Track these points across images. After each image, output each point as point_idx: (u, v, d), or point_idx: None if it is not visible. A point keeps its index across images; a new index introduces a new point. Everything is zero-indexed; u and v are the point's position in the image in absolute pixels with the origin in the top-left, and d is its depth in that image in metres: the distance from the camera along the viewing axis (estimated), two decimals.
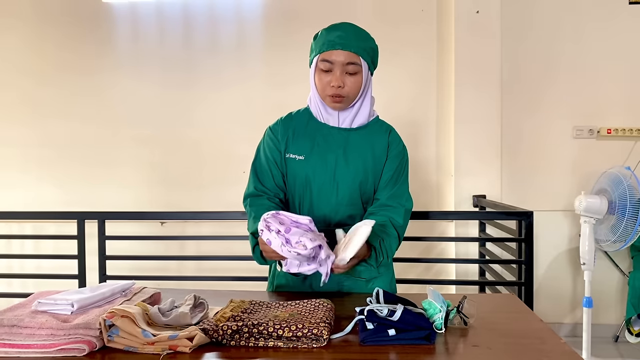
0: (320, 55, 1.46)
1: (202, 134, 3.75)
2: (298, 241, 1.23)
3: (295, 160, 1.54)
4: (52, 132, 3.84)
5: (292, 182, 1.57)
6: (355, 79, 1.47)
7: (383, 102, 3.57)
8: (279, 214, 1.30)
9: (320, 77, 1.48)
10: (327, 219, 1.55)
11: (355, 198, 1.54)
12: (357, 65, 1.46)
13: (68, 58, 3.81)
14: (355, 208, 1.56)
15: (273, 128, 1.60)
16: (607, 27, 3.48)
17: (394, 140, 1.59)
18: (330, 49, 1.44)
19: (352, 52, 1.44)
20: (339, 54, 1.44)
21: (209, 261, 2.95)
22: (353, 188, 1.53)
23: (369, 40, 1.51)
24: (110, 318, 1.09)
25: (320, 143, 1.53)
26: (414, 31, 3.61)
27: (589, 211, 2.77)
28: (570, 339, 3.40)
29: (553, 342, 1.13)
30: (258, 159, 1.61)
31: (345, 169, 1.52)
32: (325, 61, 1.45)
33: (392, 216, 1.52)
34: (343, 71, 1.45)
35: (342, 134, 1.54)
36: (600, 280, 3.43)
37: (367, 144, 1.55)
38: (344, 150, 1.53)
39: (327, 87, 1.47)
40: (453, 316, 1.22)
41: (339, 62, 1.44)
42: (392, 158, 1.56)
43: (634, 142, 3.50)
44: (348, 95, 1.47)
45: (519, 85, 3.53)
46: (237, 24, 3.73)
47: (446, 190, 3.52)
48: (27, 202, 3.81)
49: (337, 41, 1.43)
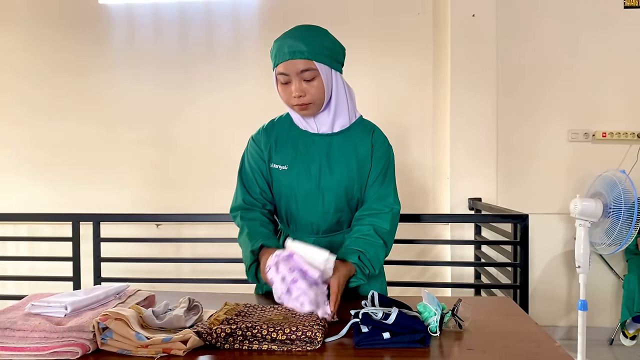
0: (276, 68, 1.44)
1: (198, 136, 3.75)
2: (297, 297, 1.20)
3: (279, 170, 1.52)
4: (48, 134, 3.83)
5: (277, 192, 1.55)
6: (315, 84, 1.43)
7: (379, 105, 3.60)
8: (292, 258, 1.26)
9: (283, 89, 1.46)
10: (314, 227, 1.55)
11: (342, 204, 1.53)
12: (313, 70, 1.41)
13: (64, 59, 3.81)
14: (343, 214, 1.55)
15: (255, 138, 1.58)
16: (603, 31, 3.50)
17: (378, 140, 1.55)
18: (282, 61, 1.40)
19: (303, 59, 1.39)
20: (291, 64, 1.40)
21: (204, 263, 2.95)
22: (339, 195, 1.51)
23: (322, 39, 1.44)
24: (104, 321, 1.08)
25: (302, 152, 1.51)
26: (410, 34, 3.62)
27: (584, 214, 2.77)
28: (565, 342, 3.41)
29: (548, 345, 1.13)
30: (244, 169, 1.59)
31: (330, 176, 1.50)
32: (281, 74, 1.42)
33: (378, 223, 1.49)
34: (300, 79, 1.41)
35: (324, 140, 1.52)
36: (595, 284, 3.44)
37: (350, 147, 1.52)
38: (327, 157, 1.51)
39: (290, 98, 1.44)
40: (448, 319, 1.22)
41: (293, 71, 1.40)
42: (377, 159, 1.53)
43: (628, 145, 3.51)
44: (313, 101, 1.44)
45: (514, 88, 3.55)
46: (234, 25, 3.73)
47: (442, 193, 3.52)
48: (21, 203, 3.80)
49: (286, 50, 1.40)
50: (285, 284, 1.22)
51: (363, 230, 1.47)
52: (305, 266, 1.24)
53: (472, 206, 3.31)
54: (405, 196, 3.84)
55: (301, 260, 1.25)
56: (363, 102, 3.48)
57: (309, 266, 1.24)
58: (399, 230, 1.59)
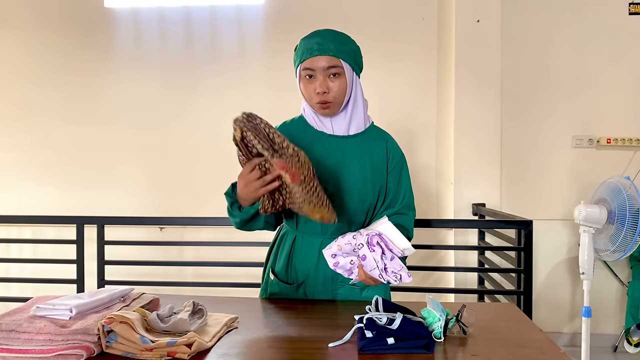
0: (301, 64, 1.47)
1: (203, 139, 3.75)
2: (394, 271, 1.33)
3: None
4: (52, 136, 3.85)
5: None
6: (339, 82, 1.46)
7: (384, 110, 3.59)
8: (382, 237, 1.36)
9: (306, 86, 1.48)
10: (324, 227, 1.54)
11: (355, 205, 1.53)
12: (339, 67, 1.45)
13: (69, 62, 3.83)
14: (355, 215, 1.55)
15: None
16: (607, 38, 3.50)
17: (393, 149, 1.59)
18: (310, 57, 1.44)
19: (331, 56, 1.44)
20: (319, 60, 1.44)
21: (207, 267, 2.95)
22: (352, 196, 1.52)
23: (348, 42, 1.50)
24: (109, 324, 1.08)
25: (317, 151, 1.52)
26: (415, 40, 3.63)
27: (588, 221, 2.76)
28: (569, 349, 3.39)
29: (552, 352, 1.12)
30: None
31: (344, 177, 1.51)
32: (307, 69, 1.46)
33: (403, 221, 1.56)
34: (326, 76, 1.45)
35: (340, 142, 1.53)
36: (600, 290, 3.43)
37: (365, 150, 1.54)
38: (342, 158, 1.52)
39: (313, 95, 1.47)
40: (452, 325, 1.21)
41: (320, 67, 1.44)
42: (395, 169, 1.58)
43: (633, 151, 3.50)
44: (335, 99, 1.47)
45: (519, 94, 3.55)
46: (238, 29, 3.75)
47: (446, 198, 3.52)
48: (26, 205, 3.81)
49: (315, 47, 1.44)
50: (382, 261, 1.33)
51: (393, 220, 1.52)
52: (390, 245, 1.36)
53: (476, 212, 3.31)
54: None
55: (387, 241, 1.36)
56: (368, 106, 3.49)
57: (392, 246, 1.36)
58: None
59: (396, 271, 1.32)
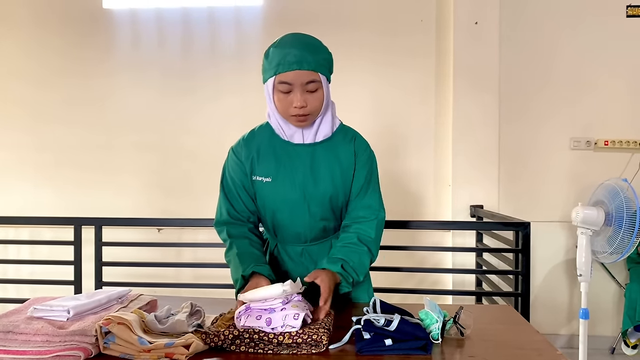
0: (277, 77, 1.38)
1: (201, 141, 3.75)
2: (283, 325, 1.14)
3: (263, 182, 1.50)
4: (50, 137, 3.84)
5: (262, 203, 1.53)
6: (317, 95, 1.40)
7: (381, 111, 3.60)
8: (250, 310, 1.20)
9: (280, 99, 1.41)
10: (302, 236, 1.55)
11: (327, 212, 1.53)
12: (317, 82, 1.39)
13: (67, 64, 3.82)
14: (329, 221, 1.55)
15: (235, 150, 1.56)
16: (606, 39, 3.51)
17: (360, 148, 1.53)
18: (287, 70, 1.36)
19: (310, 71, 1.37)
20: (297, 75, 1.36)
21: (205, 268, 2.94)
22: (324, 203, 1.51)
23: (323, 51, 1.43)
24: (107, 325, 1.08)
25: (285, 163, 1.49)
26: (413, 41, 3.63)
27: (585, 223, 2.76)
28: (566, 351, 3.39)
29: (549, 354, 1.13)
30: (225, 182, 1.57)
31: (314, 186, 1.48)
32: (283, 83, 1.38)
33: (363, 230, 1.50)
34: (303, 90, 1.38)
35: (307, 150, 1.49)
36: (597, 292, 3.43)
37: (333, 156, 1.50)
38: (310, 167, 1.49)
39: (289, 108, 1.40)
40: (450, 327, 1.22)
41: (298, 82, 1.37)
42: (361, 167, 1.52)
43: (631, 154, 3.51)
44: (312, 112, 1.41)
45: (517, 96, 3.55)
46: (237, 31, 3.75)
47: (443, 200, 3.52)
48: (24, 206, 3.80)
49: (293, 60, 1.35)
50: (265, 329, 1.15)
51: (348, 239, 1.49)
52: (266, 304, 1.19)
53: (474, 213, 3.31)
54: (406, 203, 3.85)
55: (259, 304, 1.20)
56: (365, 108, 3.49)
57: (269, 302, 1.19)
58: (400, 237, 1.60)
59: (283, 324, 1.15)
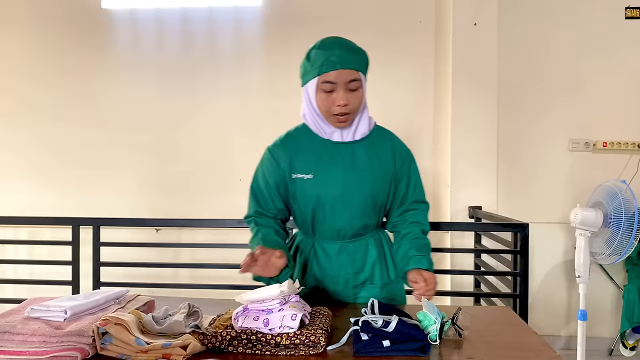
0: (320, 76, 1.43)
1: (200, 141, 3.75)
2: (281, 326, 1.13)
3: (304, 179, 1.52)
4: (49, 137, 3.83)
5: (302, 201, 1.55)
6: (358, 94, 1.46)
7: (380, 112, 3.57)
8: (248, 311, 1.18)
9: (323, 98, 1.45)
10: (342, 233, 1.56)
11: (368, 208, 1.55)
12: (358, 81, 1.45)
13: (67, 63, 3.82)
14: (369, 218, 1.57)
15: (272, 150, 1.57)
16: (604, 42, 3.51)
17: (399, 147, 1.61)
18: (331, 70, 1.41)
19: (352, 70, 1.43)
20: (340, 74, 1.41)
21: (203, 269, 2.94)
22: (364, 200, 1.54)
23: (363, 53, 1.50)
24: (104, 325, 1.08)
25: (326, 159, 1.52)
26: (412, 42, 3.63)
27: (584, 224, 2.77)
28: (564, 352, 3.39)
29: (547, 355, 1.13)
30: (256, 182, 1.59)
31: (355, 182, 1.52)
32: (327, 82, 1.43)
33: (419, 221, 1.61)
34: (346, 89, 1.43)
35: (347, 148, 1.54)
36: (595, 293, 3.43)
37: (373, 153, 1.55)
38: (351, 163, 1.52)
39: (332, 107, 1.45)
40: (448, 328, 1.21)
41: (342, 81, 1.42)
42: (404, 167, 1.60)
43: (629, 155, 3.51)
44: (352, 111, 1.47)
45: (515, 97, 3.55)
46: (236, 31, 3.75)
47: (442, 201, 3.52)
48: (22, 206, 3.79)
49: (336, 61, 1.41)
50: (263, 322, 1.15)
51: (413, 234, 1.58)
52: (264, 305, 1.17)
53: (473, 214, 3.31)
54: None
55: (256, 304, 1.18)
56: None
57: (266, 303, 1.17)
58: None
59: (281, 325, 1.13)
